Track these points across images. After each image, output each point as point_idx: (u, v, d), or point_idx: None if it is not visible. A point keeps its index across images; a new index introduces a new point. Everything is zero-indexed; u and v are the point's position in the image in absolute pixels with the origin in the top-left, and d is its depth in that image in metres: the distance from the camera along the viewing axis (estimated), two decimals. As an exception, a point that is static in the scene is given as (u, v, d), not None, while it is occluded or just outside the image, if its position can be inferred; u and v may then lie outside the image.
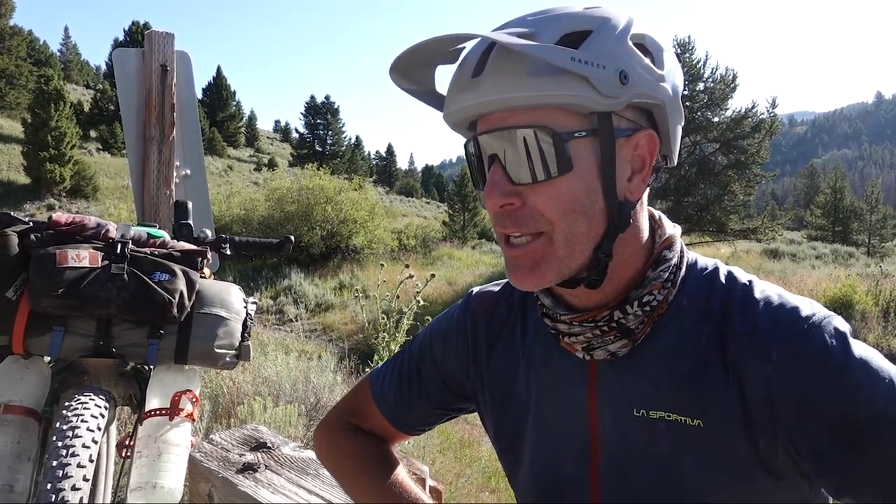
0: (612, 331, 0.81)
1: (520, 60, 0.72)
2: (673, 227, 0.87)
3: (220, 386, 4.02)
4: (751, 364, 0.75)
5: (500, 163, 0.76)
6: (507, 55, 0.73)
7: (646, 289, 0.81)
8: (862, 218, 37.64)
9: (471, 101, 0.75)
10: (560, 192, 0.74)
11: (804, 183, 73.84)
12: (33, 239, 1.58)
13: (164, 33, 2.97)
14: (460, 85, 0.77)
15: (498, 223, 0.79)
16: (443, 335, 1.05)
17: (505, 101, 0.73)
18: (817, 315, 0.75)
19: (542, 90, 0.71)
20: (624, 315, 0.80)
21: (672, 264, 0.82)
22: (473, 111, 0.77)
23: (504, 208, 0.76)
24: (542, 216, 0.75)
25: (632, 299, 0.80)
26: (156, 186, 2.94)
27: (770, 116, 23.10)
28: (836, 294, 10.92)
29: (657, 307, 0.81)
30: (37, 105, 28.80)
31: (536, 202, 0.75)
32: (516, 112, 0.74)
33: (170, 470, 1.55)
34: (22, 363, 1.60)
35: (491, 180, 0.76)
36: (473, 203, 36.27)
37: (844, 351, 0.72)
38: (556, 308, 0.85)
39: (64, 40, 75.01)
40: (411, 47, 0.78)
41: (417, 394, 1.07)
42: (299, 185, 20.29)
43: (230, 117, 63.19)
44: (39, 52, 54.81)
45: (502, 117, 0.75)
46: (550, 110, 0.73)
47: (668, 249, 0.83)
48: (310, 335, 12.53)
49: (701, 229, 23.32)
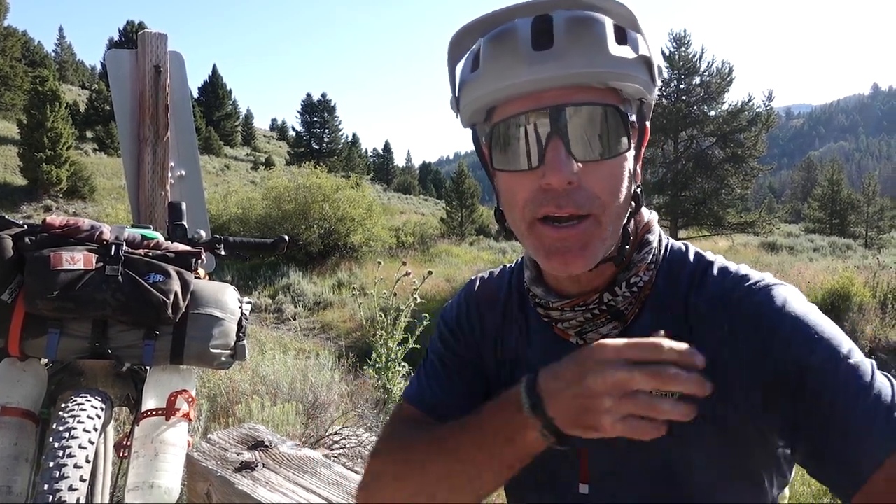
0: (603, 313, 0.84)
1: (600, 35, 0.74)
2: (649, 213, 0.91)
3: (218, 385, 4.03)
4: (707, 331, 0.80)
5: (563, 140, 0.74)
6: (587, 27, 0.74)
7: (632, 271, 0.85)
8: (859, 210, 37.68)
9: (550, 72, 0.73)
10: (615, 171, 0.77)
11: (801, 176, 73.94)
12: (28, 242, 1.59)
13: (157, 34, 2.96)
14: (521, 58, 0.74)
15: (547, 203, 0.76)
16: (455, 323, 1.05)
17: (587, 74, 0.73)
18: (764, 280, 0.80)
19: (623, 68, 0.74)
20: (613, 297, 0.84)
21: (654, 247, 0.87)
22: (545, 84, 0.74)
23: (569, 186, 0.75)
24: (596, 197, 0.76)
25: (620, 281, 0.84)
26: (150, 187, 2.95)
27: (766, 109, 23.13)
28: (834, 286, 10.92)
29: (643, 288, 0.85)
30: (32, 106, 28.72)
31: (591, 182, 0.76)
32: (580, 89, 0.74)
33: (167, 470, 1.56)
34: (19, 365, 1.61)
35: (554, 157, 0.74)
36: (471, 200, 36.27)
37: (781, 309, 0.76)
38: (548, 296, 0.88)
39: (59, 41, 74.75)
40: (495, 11, 0.77)
41: (450, 386, 1.01)
42: (296, 183, 20.28)
43: (227, 116, 63.12)
44: (34, 53, 54.63)
45: (563, 93, 0.74)
46: (608, 91, 0.76)
47: (649, 233, 0.88)
48: (308, 333, 12.54)
49: (698, 223, 23.37)
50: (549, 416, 0.67)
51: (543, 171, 0.75)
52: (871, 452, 0.64)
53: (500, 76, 0.76)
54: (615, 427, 0.64)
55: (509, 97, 0.77)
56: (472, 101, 0.81)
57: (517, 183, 0.79)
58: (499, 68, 0.76)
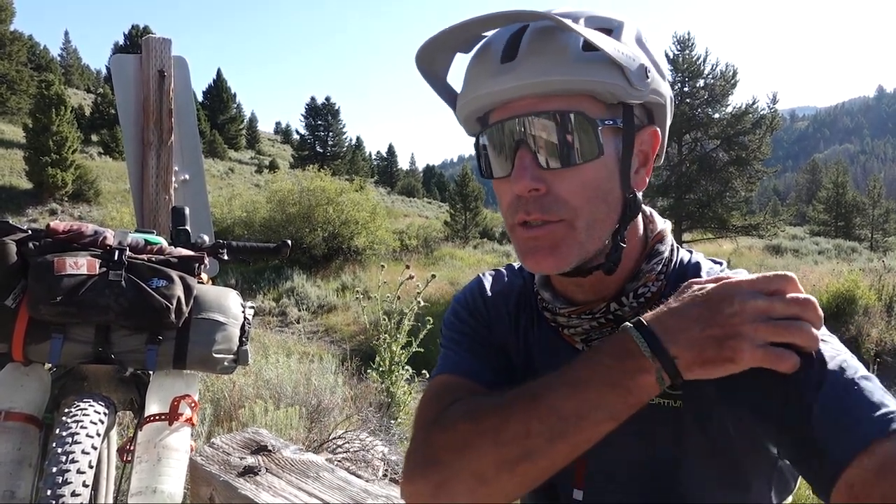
0: (609, 322, 0.84)
1: (561, 44, 0.75)
2: (664, 223, 0.90)
3: (222, 389, 4.03)
4: None
5: (529, 148, 0.77)
6: (548, 38, 0.75)
7: (640, 281, 0.84)
8: (864, 213, 37.59)
9: (506, 84, 0.76)
10: (586, 178, 0.77)
11: (806, 178, 73.65)
12: (31, 247, 1.60)
13: (161, 39, 2.98)
14: (488, 70, 0.78)
15: (520, 210, 0.78)
16: (472, 304, 1.01)
17: (544, 84, 0.75)
18: None
19: (583, 75, 0.74)
20: (620, 307, 0.84)
21: (664, 257, 0.86)
22: (507, 95, 0.77)
23: (531, 193, 0.77)
24: (565, 203, 0.77)
25: (627, 291, 0.84)
26: (154, 192, 2.95)
27: (771, 112, 23.03)
28: (840, 289, 10.86)
29: (651, 298, 0.84)
30: (38, 110, 28.82)
31: (561, 188, 0.77)
32: (548, 98, 0.76)
33: (170, 474, 1.57)
34: (22, 370, 1.61)
35: (520, 164, 0.77)
36: (475, 203, 36.27)
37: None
38: (556, 302, 0.88)
39: (64, 45, 75.08)
40: (449, 27, 0.79)
41: (483, 352, 0.95)
42: (300, 186, 20.31)
43: (231, 120, 63.22)
44: (40, 57, 54.94)
45: (532, 103, 0.76)
46: (580, 98, 0.76)
47: (661, 243, 0.87)
48: (312, 337, 12.55)
49: (703, 226, 23.28)
50: (672, 356, 0.67)
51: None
52: (852, 441, 0.62)
53: (473, 88, 0.80)
54: (755, 354, 0.65)
55: (482, 108, 0.81)
56: (459, 112, 0.85)
57: (501, 189, 0.82)
58: (473, 80, 0.80)
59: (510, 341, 0.97)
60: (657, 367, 0.67)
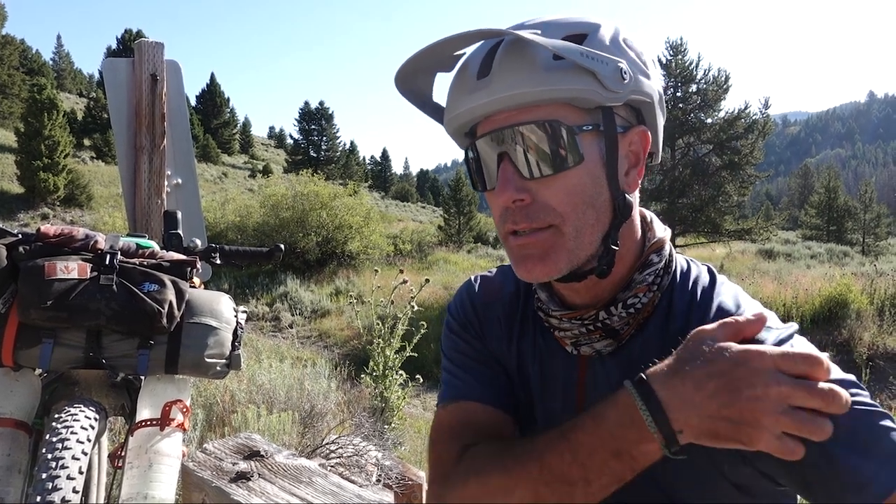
0: (598, 330, 0.84)
1: (530, 57, 0.75)
2: (664, 231, 0.90)
3: (214, 395, 4.01)
4: None
5: (511, 160, 0.78)
6: (516, 53, 0.76)
7: (631, 291, 0.84)
8: (856, 217, 37.79)
9: (481, 100, 0.77)
10: (570, 184, 0.77)
11: (798, 183, 74.08)
12: (22, 251, 1.58)
13: (154, 43, 2.97)
14: (465, 87, 0.79)
15: (508, 220, 0.80)
16: (463, 318, 1.03)
17: (517, 97, 0.76)
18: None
19: (553, 84, 0.75)
20: (609, 316, 0.84)
21: (658, 268, 0.85)
22: (482, 111, 0.79)
23: (515, 204, 0.78)
24: (552, 210, 0.78)
25: (617, 301, 0.84)
26: (147, 196, 2.94)
27: (763, 117, 23.17)
28: (832, 293, 10.90)
29: (642, 309, 0.84)
30: (30, 114, 28.67)
31: (547, 196, 0.78)
32: (525, 109, 0.77)
33: (161, 480, 1.56)
34: (12, 375, 1.60)
35: (503, 177, 0.78)
36: (469, 207, 36.28)
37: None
38: (550, 303, 0.89)
39: (56, 49, 74.68)
40: (420, 51, 0.80)
41: (483, 372, 0.97)
42: (294, 191, 20.26)
43: (224, 124, 63.11)
44: (32, 61, 54.60)
45: (510, 115, 0.78)
46: (557, 106, 0.77)
47: (657, 253, 0.86)
48: (305, 342, 12.52)
49: (696, 230, 23.35)
50: (674, 430, 0.65)
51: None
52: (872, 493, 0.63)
53: (453, 105, 0.82)
54: (770, 444, 0.61)
55: (465, 124, 0.83)
56: (446, 127, 0.87)
57: (491, 201, 0.83)
58: (453, 98, 0.82)
59: (502, 347, 0.98)
60: (660, 439, 0.66)
